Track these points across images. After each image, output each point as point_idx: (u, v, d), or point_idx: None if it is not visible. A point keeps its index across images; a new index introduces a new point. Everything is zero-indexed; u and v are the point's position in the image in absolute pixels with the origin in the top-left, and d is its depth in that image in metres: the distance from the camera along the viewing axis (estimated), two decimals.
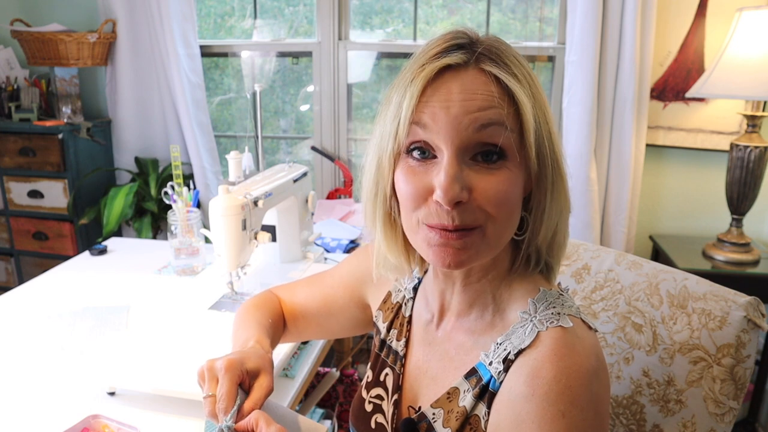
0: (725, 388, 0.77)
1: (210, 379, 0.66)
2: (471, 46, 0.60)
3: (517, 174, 0.60)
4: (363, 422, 0.80)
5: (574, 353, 0.59)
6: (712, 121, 2.05)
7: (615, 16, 1.93)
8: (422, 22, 2.37)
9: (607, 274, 0.92)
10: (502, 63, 0.59)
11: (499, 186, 0.59)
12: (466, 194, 0.58)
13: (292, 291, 0.95)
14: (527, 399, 0.57)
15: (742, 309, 0.77)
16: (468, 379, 0.66)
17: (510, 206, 0.60)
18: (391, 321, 0.81)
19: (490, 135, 0.58)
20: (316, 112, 2.44)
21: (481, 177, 0.59)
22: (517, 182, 0.60)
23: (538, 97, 0.61)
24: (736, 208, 1.90)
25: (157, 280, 1.46)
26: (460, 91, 0.58)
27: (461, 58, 0.59)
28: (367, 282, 0.87)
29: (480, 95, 0.58)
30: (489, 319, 0.68)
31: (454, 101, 0.58)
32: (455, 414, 0.65)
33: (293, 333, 0.93)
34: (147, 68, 2.36)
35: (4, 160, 2.29)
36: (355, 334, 0.94)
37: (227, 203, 1.14)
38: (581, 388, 0.57)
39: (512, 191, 0.60)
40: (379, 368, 0.80)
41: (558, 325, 0.61)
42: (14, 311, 1.29)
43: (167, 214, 1.47)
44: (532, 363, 0.59)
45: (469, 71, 0.59)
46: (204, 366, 0.68)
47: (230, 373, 0.65)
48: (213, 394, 0.65)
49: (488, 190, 0.59)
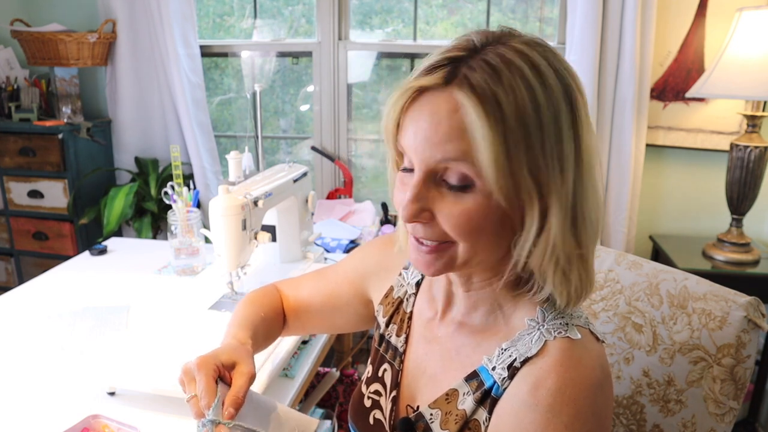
0: (725, 388, 0.77)
1: (188, 381, 0.67)
2: (463, 61, 0.57)
3: (489, 201, 0.57)
4: (361, 418, 0.80)
5: (581, 365, 0.58)
6: (712, 121, 2.04)
7: (615, 16, 1.93)
8: (422, 22, 2.37)
9: (607, 274, 0.92)
10: (484, 84, 0.55)
11: (463, 212, 0.58)
12: (427, 215, 0.60)
13: (296, 285, 0.95)
14: (531, 408, 0.57)
15: (742, 309, 0.78)
16: (468, 382, 0.65)
17: (478, 230, 0.58)
18: (391, 316, 0.81)
19: (450, 167, 0.57)
20: (316, 112, 2.44)
21: (446, 202, 0.59)
22: (488, 209, 0.58)
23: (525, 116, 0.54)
24: (736, 208, 1.90)
25: (157, 280, 1.46)
26: (430, 112, 0.57)
27: (436, 80, 0.57)
28: (371, 277, 0.87)
29: (444, 125, 0.56)
30: (493, 322, 0.67)
31: (422, 127, 0.58)
32: (454, 416, 0.65)
33: (296, 327, 0.93)
34: (147, 68, 2.36)
35: (4, 160, 2.29)
36: (358, 329, 0.94)
37: (227, 203, 1.14)
38: (585, 401, 0.57)
39: (480, 218, 0.58)
40: (378, 363, 0.80)
41: (566, 335, 0.61)
42: (14, 311, 1.29)
43: (167, 214, 1.47)
44: (538, 372, 0.59)
45: (444, 94, 0.57)
46: (181, 371, 0.68)
47: (204, 369, 0.66)
48: (195, 395, 0.65)
49: (450, 215, 0.58)
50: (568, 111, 0.57)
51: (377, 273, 0.86)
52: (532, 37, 0.60)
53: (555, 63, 0.58)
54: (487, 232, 0.59)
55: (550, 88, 0.56)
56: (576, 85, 0.59)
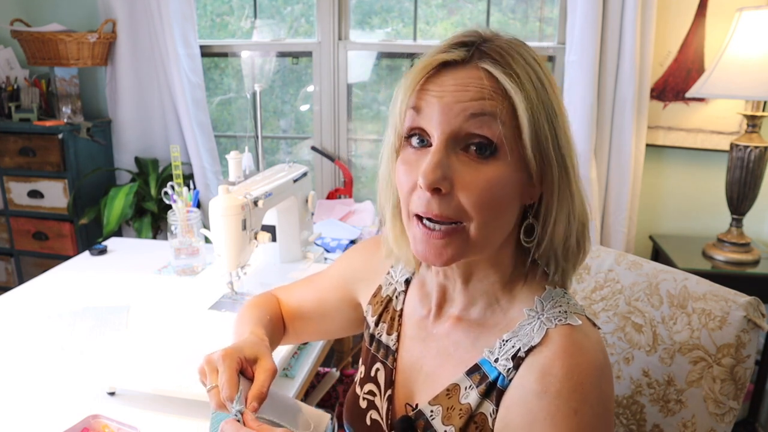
0: (725, 388, 0.77)
1: (210, 371, 0.67)
2: (476, 45, 0.61)
3: (510, 173, 0.59)
4: (358, 420, 0.79)
5: (584, 351, 0.60)
6: (712, 121, 2.04)
7: (615, 16, 1.93)
8: (422, 21, 2.37)
9: (607, 274, 0.92)
10: (503, 62, 0.59)
11: (484, 182, 0.59)
12: (448, 184, 0.59)
13: (289, 292, 0.95)
14: (539, 396, 0.58)
15: (742, 309, 0.78)
16: (470, 375, 0.65)
17: (495, 205, 0.60)
18: (380, 314, 0.81)
19: (479, 125, 0.58)
20: (316, 112, 2.44)
21: (467, 169, 0.59)
22: (508, 181, 0.59)
23: (542, 96, 0.60)
24: (736, 208, 1.90)
25: (157, 280, 1.46)
26: (454, 83, 0.59)
27: (459, 55, 0.60)
28: (358, 281, 0.87)
29: (473, 87, 0.59)
30: (491, 315, 0.68)
31: (447, 91, 0.59)
32: (458, 411, 0.65)
33: (293, 335, 0.93)
34: (147, 68, 2.36)
35: (4, 160, 2.29)
36: (351, 334, 0.94)
37: (227, 203, 1.14)
38: (592, 386, 0.58)
39: (499, 189, 0.59)
40: (370, 363, 0.80)
41: (567, 323, 0.62)
42: (14, 311, 1.29)
43: (167, 214, 1.47)
44: (543, 360, 0.60)
45: (466, 68, 0.60)
46: (203, 361, 0.68)
47: (228, 360, 0.66)
48: (216, 385, 0.65)
49: (471, 183, 0.59)
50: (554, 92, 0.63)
51: (364, 277, 0.86)
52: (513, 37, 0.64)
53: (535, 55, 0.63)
54: (504, 205, 0.60)
55: (547, 76, 0.62)
56: None
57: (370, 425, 0.77)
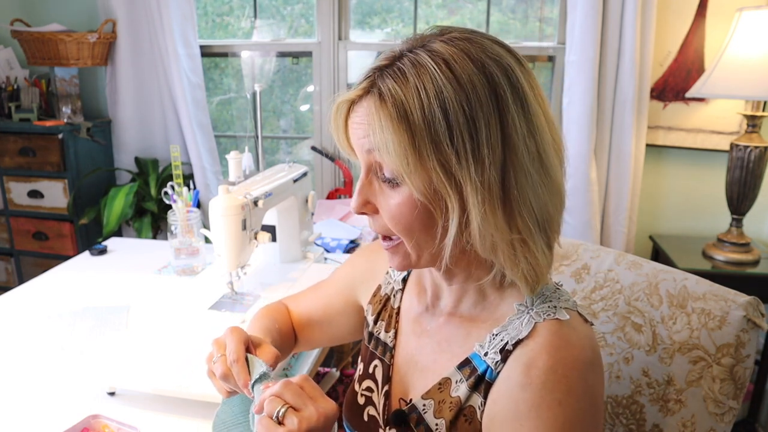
0: (725, 388, 0.77)
1: (218, 347, 0.71)
2: (382, 71, 0.60)
3: (415, 199, 0.60)
4: (356, 415, 0.81)
5: (570, 345, 0.60)
6: (712, 121, 2.05)
7: (615, 16, 1.93)
8: (422, 22, 2.37)
9: (606, 274, 0.92)
10: (392, 90, 0.58)
11: (395, 207, 0.62)
12: (372, 207, 0.65)
13: (297, 301, 0.97)
14: (524, 388, 0.59)
15: (742, 309, 0.78)
16: (461, 369, 0.66)
17: (410, 227, 0.62)
18: (379, 312, 0.82)
19: (378, 158, 0.61)
20: (316, 112, 2.44)
21: (383, 196, 0.64)
22: (415, 204, 0.60)
23: (428, 119, 0.56)
24: (736, 208, 1.90)
25: (157, 280, 1.46)
26: (358, 119, 0.62)
27: (359, 92, 0.62)
28: (360, 285, 0.89)
29: (364, 124, 0.61)
30: (482, 311, 0.69)
31: (354, 128, 0.63)
32: (448, 404, 0.66)
33: (303, 343, 0.95)
34: (147, 68, 2.37)
35: (4, 160, 2.29)
36: (356, 339, 0.95)
37: (227, 203, 1.14)
38: (577, 379, 0.58)
39: (408, 213, 0.61)
40: (369, 360, 0.81)
41: (555, 317, 0.62)
42: (14, 311, 1.29)
43: (167, 214, 1.47)
44: (529, 353, 0.60)
45: (367, 100, 0.61)
46: (212, 343, 0.72)
47: (236, 333, 0.70)
48: (224, 354, 0.69)
49: (385, 208, 0.63)
50: (491, 99, 0.57)
51: (366, 280, 0.88)
52: (462, 31, 0.61)
53: (479, 54, 0.58)
54: (417, 226, 0.62)
55: (465, 82, 0.56)
56: (511, 71, 0.59)
57: (368, 421, 0.78)
